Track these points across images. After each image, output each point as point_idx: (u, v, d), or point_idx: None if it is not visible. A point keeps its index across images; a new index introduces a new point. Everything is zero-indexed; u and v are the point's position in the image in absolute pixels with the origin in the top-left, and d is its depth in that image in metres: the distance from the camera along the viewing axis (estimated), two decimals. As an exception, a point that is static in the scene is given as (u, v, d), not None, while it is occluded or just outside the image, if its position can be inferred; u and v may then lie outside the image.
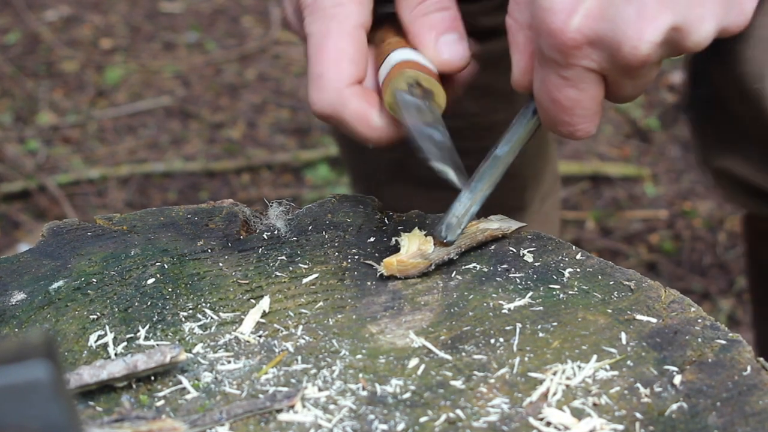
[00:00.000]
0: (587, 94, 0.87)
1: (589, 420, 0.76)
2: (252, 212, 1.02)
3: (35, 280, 0.94)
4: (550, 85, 0.87)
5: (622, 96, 0.90)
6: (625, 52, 0.82)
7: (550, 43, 0.84)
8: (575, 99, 0.87)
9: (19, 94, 3.01)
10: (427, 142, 0.89)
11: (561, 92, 0.87)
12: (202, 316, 0.89)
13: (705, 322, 0.85)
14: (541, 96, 0.89)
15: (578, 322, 0.86)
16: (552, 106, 0.88)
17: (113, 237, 0.99)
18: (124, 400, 0.80)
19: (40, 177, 2.62)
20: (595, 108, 0.88)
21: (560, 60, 0.85)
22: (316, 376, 0.82)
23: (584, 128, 0.89)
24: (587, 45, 0.83)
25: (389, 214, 1.02)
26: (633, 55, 0.83)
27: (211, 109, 2.96)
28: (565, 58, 0.84)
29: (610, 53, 0.83)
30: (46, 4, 3.46)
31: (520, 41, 0.90)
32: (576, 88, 0.86)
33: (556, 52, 0.84)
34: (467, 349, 0.84)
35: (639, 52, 0.82)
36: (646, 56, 0.83)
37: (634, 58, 0.83)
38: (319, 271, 0.95)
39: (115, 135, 2.86)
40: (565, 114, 0.88)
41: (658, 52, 0.84)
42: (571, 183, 2.58)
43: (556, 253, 0.95)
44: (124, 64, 3.17)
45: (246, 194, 2.61)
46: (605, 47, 0.83)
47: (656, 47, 0.83)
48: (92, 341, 0.87)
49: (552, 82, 0.87)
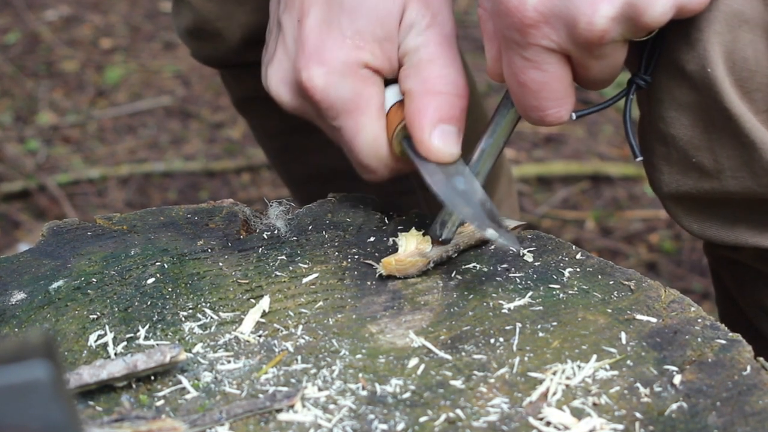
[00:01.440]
0: (552, 75, 0.87)
1: (589, 420, 0.76)
2: (252, 212, 1.02)
3: (35, 279, 0.94)
4: (515, 68, 0.87)
5: (591, 78, 0.89)
6: (581, 28, 0.82)
7: (508, 23, 0.84)
8: (541, 81, 0.87)
9: (19, 94, 3.01)
10: (458, 200, 0.90)
11: (526, 74, 0.87)
12: (201, 315, 0.89)
13: (705, 322, 0.85)
14: (510, 80, 0.89)
15: (578, 322, 0.86)
16: (520, 89, 0.88)
17: (113, 237, 0.99)
18: (124, 399, 0.80)
19: (40, 177, 2.62)
20: (563, 90, 0.88)
21: (520, 40, 0.85)
22: (316, 375, 0.82)
23: (554, 113, 0.89)
24: (544, 23, 0.83)
25: (389, 213, 1.02)
26: (589, 31, 0.82)
27: (211, 109, 2.95)
28: (524, 38, 0.84)
29: (567, 30, 0.83)
30: (46, 4, 3.46)
31: (489, 29, 0.90)
32: (540, 69, 0.86)
33: (515, 32, 0.84)
34: (467, 349, 0.84)
35: (594, 27, 0.82)
36: (603, 31, 0.82)
37: (591, 33, 0.82)
38: (319, 270, 0.95)
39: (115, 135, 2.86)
40: (533, 97, 0.88)
41: (615, 29, 0.83)
42: (571, 183, 2.58)
43: (556, 252, 0.95)
44: (124, 64, 3.17)
45: (246, 194, 2.61)
46: (562, 24, 0.83)
47: (612, 22, 0.82)
48: (92, 341, 0.87)
49: (516, 64, 0.87)
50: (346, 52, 0.94)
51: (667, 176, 0.96)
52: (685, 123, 0.92)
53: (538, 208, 2.47)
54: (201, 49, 1.33)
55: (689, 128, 0.93)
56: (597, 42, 0.83)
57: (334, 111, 0.95)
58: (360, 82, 0.95)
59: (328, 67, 0.94)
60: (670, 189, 0.97)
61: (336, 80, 0.94)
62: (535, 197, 2.52)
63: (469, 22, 3.10)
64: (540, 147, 2.72)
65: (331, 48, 0.94)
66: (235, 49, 1.28)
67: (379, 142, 0.96)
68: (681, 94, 0.91)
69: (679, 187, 0.96)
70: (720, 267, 1.17)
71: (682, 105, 0.92)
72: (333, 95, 0.94)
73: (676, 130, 0.93)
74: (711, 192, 0.95)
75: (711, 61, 0.88)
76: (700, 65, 0.89)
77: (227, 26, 1.26)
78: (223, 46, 1.29)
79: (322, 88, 0.94)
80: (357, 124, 0.96)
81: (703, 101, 0.90)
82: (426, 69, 0.94)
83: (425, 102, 0.93)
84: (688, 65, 0.89)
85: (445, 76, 0.94)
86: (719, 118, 0.91)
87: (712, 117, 0.91)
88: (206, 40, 1.29)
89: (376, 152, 0.97)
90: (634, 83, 0.92)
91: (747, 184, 0.94)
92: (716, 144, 0.92)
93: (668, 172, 0.96)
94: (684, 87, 0.91)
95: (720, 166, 0.93)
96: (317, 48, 0.94)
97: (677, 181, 0.96)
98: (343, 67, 0.94)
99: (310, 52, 0.94)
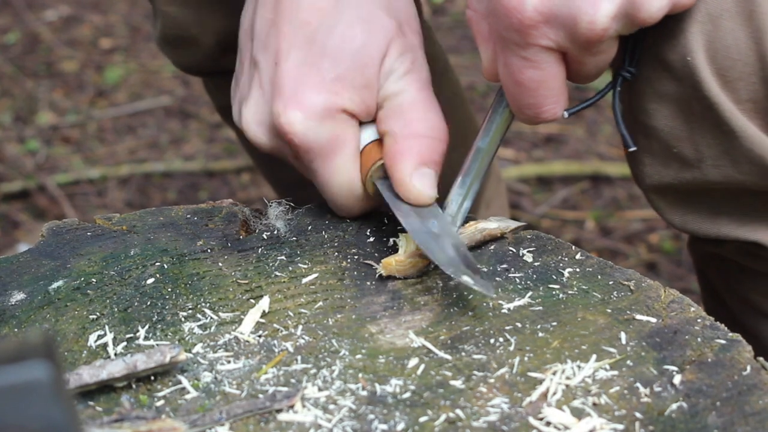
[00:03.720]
0: (549, 73, 0.87)
1: (589, 420, 0.76)
2: (252, 212, 1.02)
3: (35, 280, 0.94)
4: (513, 67, 0.87)
5: (584, 74, 0.89)
6: (582, 27, 0.82)
7: (508, 24, 0.84)
8: (538, 80, 0.87)
9: (19, 94, 3.01)
10: (432, 244, 0.91)
11: (524, 74, 0.87)
12: (201, 316, 0.89)
13: (705, 322, 0.85)
14: (506, 80, 0.89)
15: (578, 322, 0.86)
16: (516, 89, 0.88)
17: (113, 237, 0.99)
18: (124, 400, 0.80)
19: (39, 177, 2.62)
20: (559, 87, 0.88)
21: (519, 40, 0.85)
22: (316, 376, 0.82)
23: (550, 109, 0.89)
24: (544, 23, 0.83)
25: (389, 213, 1.02)
26: (590, 30, 0.83)
27: (211, 109, 2.95)
28: (524, 38, 0.84)
29: (568, 30, 0.83)
30: (46, 4, 3.46)
31: (483, 30, 0.90)
32: (537, 68, 0.86)
33: (514, 33, 0.84)
34: (467, 349, 0.84)
35: (596, 26, 0.82)
36: (603, 30, 0.83)
37: (592, 33, 0.83)
38: (319, 271, 0.95)
39: (114, 135, 2.86)
40: (530, 96, 0.88)
41: (614, 26, 0.83)
42: (571, 183, 2.58)
43: (556, 253, 0.95)
44: (124, 64, 3.17)
45: (246, 194, 2.61)
46: (562, 24, 0.83)
47: (612, 21, 0.83)
48: (92, 341, 0.87)
49: (514, 64, 0.87)
50: (325, 97, 0.94)
51: (648, 168, 0.97)
52: (666, 114, 0.93)
53: (538, 208, 2.47)
54: (179, 57, 1.35)
55: (670, 119, 0.93)
56: (597, 40, 0.84)
57: (312, 154, 0.96)
58: (337, 126, 0.95)
59: (306, 112, 0.94)
60: (652, 181, 0.98)
61: (314, 125, 0.94)
62: (535, 197, 2.52)
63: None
64: (540, 147, 2.72)
65: (310, 92, 0.94)
66: (212, 55, 1.29)
67: (354, 183, 0.97)
68: (662, 85, 0.91)
69: (661, 178, 0.97)
70: (705, 265, 1.18)
71: (663, 96, 0.92)
72: (311, 139, 0.95)
73: (657, 121, 0.93)
74: (692, 182, 0.96)
75: (692, 50, 0.88)
76: (680, 55, 0.89)
77: (202, 32, 1.27)
78: (199, 52, 1.30)
79: (302, 133, 0.94)
80: (333, 166, 0.96)
81: (684, 91, 0.91)
82: (408, 113, 0.95)
83: (407, 145, 0.94)
84: (670, 55, 0.90)
85: (426, 120, 0.95)
86: (699, 107, 0.91)
87: (692, 107, 0.91)
88: (183, 47, 1.31)
89: (351, 193, 0.98)
90: (620, 75, 0.92)
91: (728, 173, 0.94)
92: (697, 133, 0.93)
93: (650, 163, 0.97)
94: (665, 78, 0.91)
95: (701, 155, 0.94)
96: (295, 92, 0.94)
97: (659, 172, 0.97)
98: (322, 111, 0.94)
99: (288, 95, 0.94)
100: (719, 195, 0.98)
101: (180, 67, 1.38)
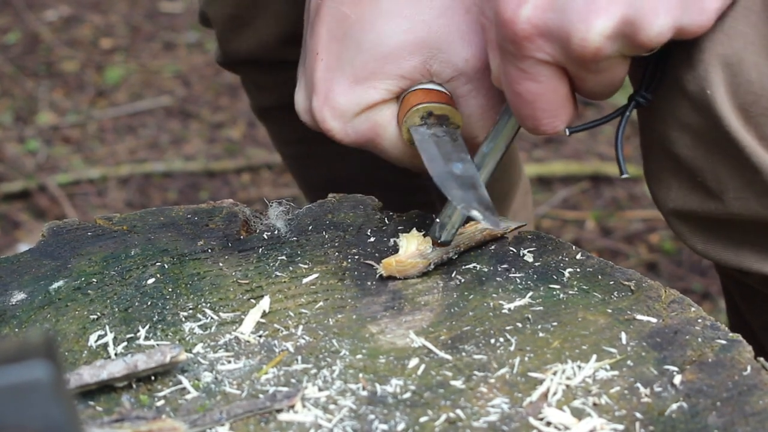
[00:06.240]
0: (548, 87, 0.85)
1: (589, 420, 0.76)
2: (252, 212, 1.02)
3: (35, 280, 0.94)
4: (511, 77, 0.86)
5: (588, 91, 0.88)
6: (574, 44, 0.81)
7: (503, 35, 0.84)
8: (536, 92, 0.86)
9: (19, 94, 3.01)
10: (450, 182, 0.90)
11: (521, 85, 0.86)
12: (202, 316, 0.89)
13: (705, 322, 0.85)
14: (506, 89, 0.88)
15: (578, 322, 0.86)
16: (515, 99, 0.87)
17: (113, 237, 0.99)
18: (124, 400, 0.80)
19: (40, 177, 2.62)
20: (559, 101, 0.87)
21: (514, 51, 0.84)
22: (316, 376, 0.82)
23: (549, 123, 0.88)
24: (538, 36, 0.82)
25: (389, 214, 1.02)
26: (582, 47, 0.81)
27: (211, 109, 2.95)
28: (519, 50, 0.83)
29: (561, 45, 0.82)
30: (46, 4, 3.46)
31: (492, 38, 0.89)
32: (535, 81, 0.85)
33: (509, 44, 0.84)
34: (467, 349, 0.84)
35: (588, 44, 0.81)
36: (596, 49, 0.81)
37: (584, 50, 0.81)
38: (319, 271, 0.95)
39: (115, 135, 2.86)
40: (528, 107, 0.87)
41: (610, 46, 0.81)
42: (571, 183, 2.58)
43: (556, 253, 0.95)
44: (124, 64, 3.17)
45: (246, 194, 2.61)
46: (556, 39, 0.82)
47: (606, 40, 0.81)
48: (92, 341, 0.87)
49: (512, 74, 0.86)
50: (357, 96, 0.95)
51: (674, 192, 0.94)
52: (688, 143, 0.90)
53: (539, 208, 2.47)
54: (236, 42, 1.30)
55: (692, 148, 0.91)
56: (591, 58, 0.82)
57: (357, 144, 0.98)
58: (372, 116, 0.96)
59: (340, 113, 0.95)
60: (676, 205, 0.95)
61: (349, 123, 0.96)
62: (535, 197, 2.52)
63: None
64: (540, 147, 2.73)
65: (341, 94, 0.95)
66: (272, 43, 1.27)
67: (405, 154, 0.99)
68: (683, 114, 0.89)
69: (685, 204, 0.94)
70: (730, 285, 1.15)
71: (683, 125, 0.90)
72: (351, 134, 0.97)
73: (679, 149, 0.91)
74: (716, 213, 0.93)
75: (712, 83, 0.86)
76: (700, 87, 0.87)
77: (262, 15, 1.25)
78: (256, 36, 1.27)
79: (339, 130, 0.96)
80: (382, 148, 0.99)
81: (704, 123, 0.88)
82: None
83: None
84: (689, 85, 0.87)
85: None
86: (720, 141, 0.89)
87: (713, 139, 0.89)
88: (243, 28, 1.27)
89: (410, 161, 1.00)
90: (634, 100, 0.90)
91: (751, 206, 0.91)
92: (718, 165, 0.91)
93: (677, 188, 0.94)
94: (685, 107, 0.89)
95: (723, 187, 0.91)
96: (328, 92, 0.95)
97: (684, 197, 0.94)
98: (355, 111, 0.96)
99: (322, 95, 0.96)
100: (743, 227, 0.95)
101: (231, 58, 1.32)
